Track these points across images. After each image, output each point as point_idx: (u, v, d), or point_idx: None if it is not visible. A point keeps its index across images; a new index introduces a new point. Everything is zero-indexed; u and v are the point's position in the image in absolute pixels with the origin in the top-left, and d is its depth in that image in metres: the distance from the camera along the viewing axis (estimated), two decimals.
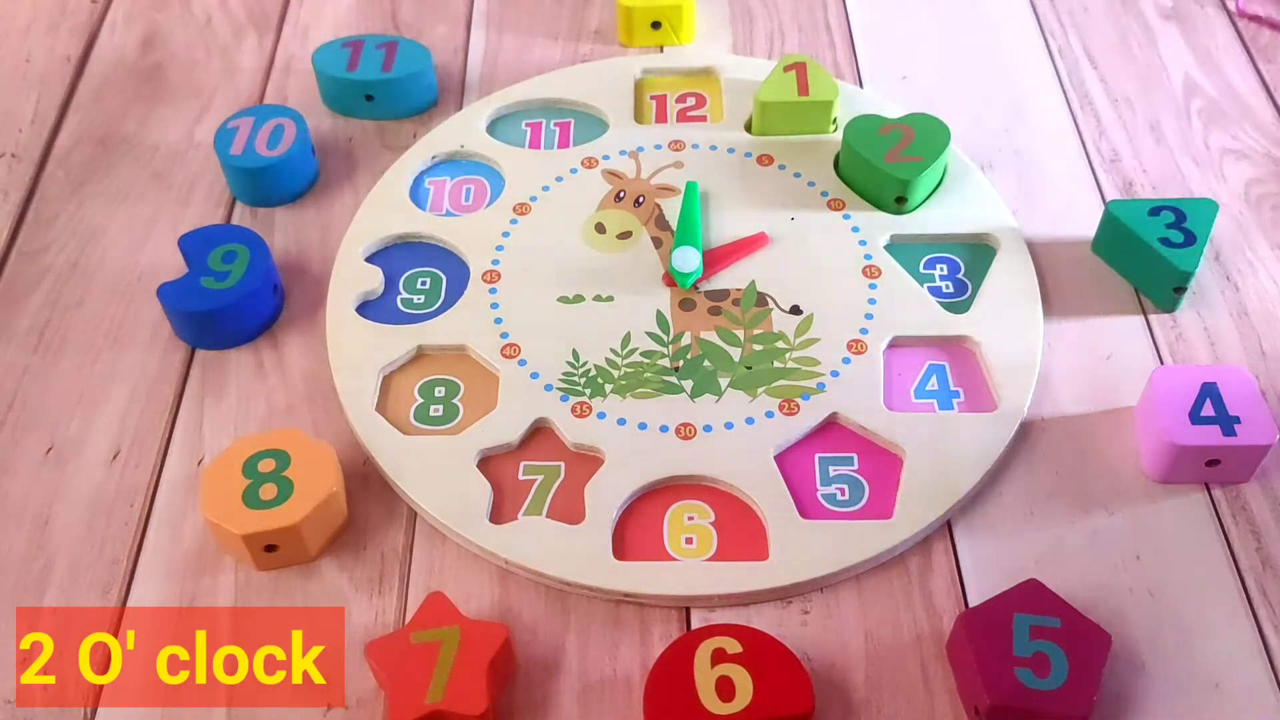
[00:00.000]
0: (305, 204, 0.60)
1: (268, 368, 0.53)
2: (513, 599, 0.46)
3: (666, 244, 0.56)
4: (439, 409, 0.51)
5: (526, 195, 0.58)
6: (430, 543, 0.48)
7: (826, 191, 0.58)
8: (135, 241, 0.58)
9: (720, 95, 0.64)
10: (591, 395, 0.51)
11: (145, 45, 0.68)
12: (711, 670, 0.41)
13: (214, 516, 0.45)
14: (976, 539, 0.47)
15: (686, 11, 0.66)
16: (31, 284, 0.57)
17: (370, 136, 0.63)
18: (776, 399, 0.50)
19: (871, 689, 0.43)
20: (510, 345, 0.52)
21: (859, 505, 0.48)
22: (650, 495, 0.48)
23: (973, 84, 0.66)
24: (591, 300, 0.54)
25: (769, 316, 0.53)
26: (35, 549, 0.47)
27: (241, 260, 0.53)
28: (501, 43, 0.68)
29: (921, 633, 0.45)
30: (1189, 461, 0.48)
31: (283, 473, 0.46)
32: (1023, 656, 0.41)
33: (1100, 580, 0.46)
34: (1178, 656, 0.44)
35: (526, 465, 0.49)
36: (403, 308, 0.55)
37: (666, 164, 0.60)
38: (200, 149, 0.62)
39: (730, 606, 0.45)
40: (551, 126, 0.63)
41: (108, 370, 0.53)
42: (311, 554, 0.46)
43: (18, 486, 0.49)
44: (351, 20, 0.70)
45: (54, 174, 0.62)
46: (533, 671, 0.44)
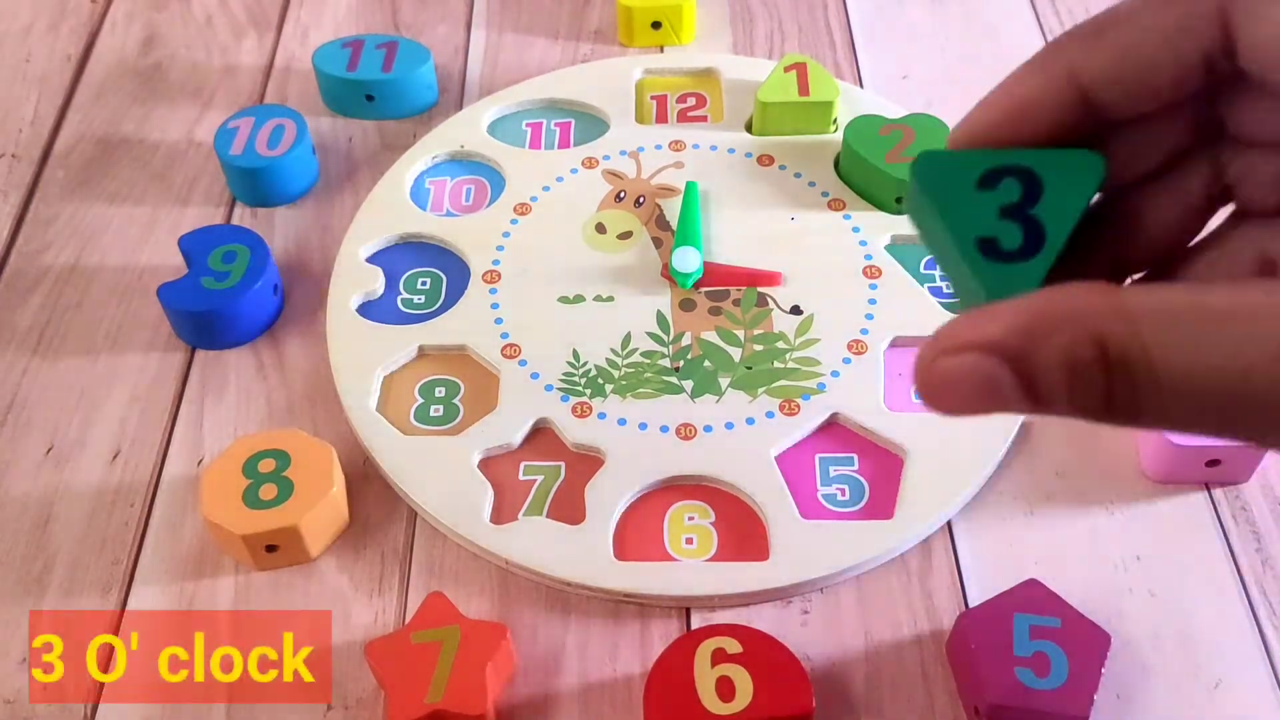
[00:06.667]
0: (305, 204, 0.60)
1: (268, 368, 0.53)
2: (513, 599, 0.46)
3: (667, 244, 0.56)
4: (439, 409, 0.51)
5: (527, 195, 0.59)
6: (430, 543, 0.48)
7: (827, 192, 0.58)
8: (135, 241, 0.58)
9: (720, 95, 0.64)
10: (592, 395, 0.51)
11: (145, 45, 0.68)
12: (711, 670, 0.41)
13: (214, 516, 0.45)
14: (976, 539, 0.47)
15: (686, 11, 0.66)
16: (31, 284, 0.57)
17: (370, 136, 0.63)
18: (777, 399, 0.50)
19: (871, 689, 0.43)
20: (510, 345, 0.52)
21: (859, 505, 0.48)
22: (650, 495, 0.48)
23: (973, 84, 0.65)
24: (592, 300, 0.54)
25: (769, 316, 0.53)
26: (35, 549, 0.47)
27: (241, 260, 0.53)
28: (501, 43, 0.68)
29: (921, 633, 0.45)
30: (1189, 461, 0.48)
31: (283, 473, 0.46)
32: (1023, 656, 0.41)
33: (1100, 580, 0.46)
34: (1178, 656, 0.44)
35: (527, 465, 0.49)
36: (403, 308, 0.55)
37: (667, 164, 0.60)
38: (200, 149, 0.62)
39: (730, 606, 0.45)
40: (552, 126, 0.63)
41: (108, 370, 0.53)
42: (312, 554, 0.46)
43: (18, 486, 0.49)
44: (351, 20, 0.70)
45: (54, 174, 0.62)
46: (533, 671, 0.44)
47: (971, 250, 0.26)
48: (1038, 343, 0.22)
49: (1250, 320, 0.21)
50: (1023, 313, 0.23)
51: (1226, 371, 0.21)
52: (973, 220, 0.26)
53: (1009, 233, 0.26)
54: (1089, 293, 0.22)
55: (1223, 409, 0.22)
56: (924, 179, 0.27)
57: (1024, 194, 0.26)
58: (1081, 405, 0.23)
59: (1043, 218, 0.26)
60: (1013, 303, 0.23)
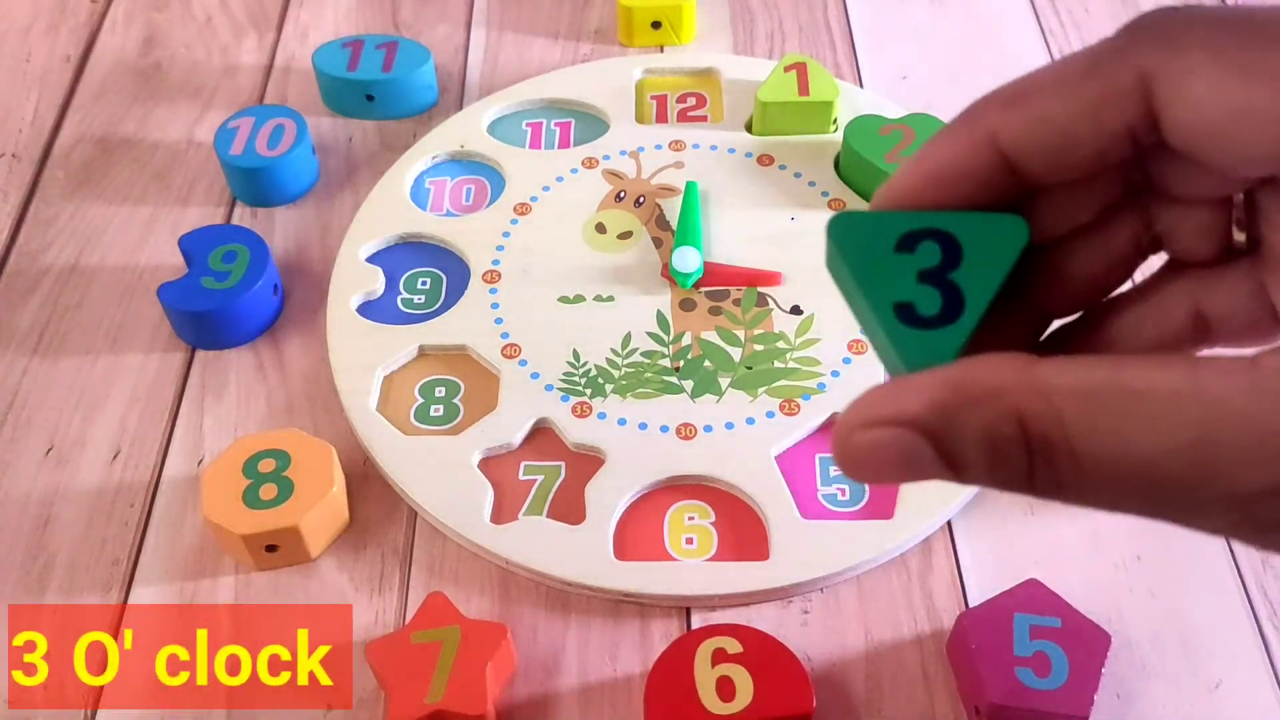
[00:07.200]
0: (305, 204, 0.60)
1: (268, 368, 0.53)
2: (513, 599, 0.46)
3: (667, 244, 0.56)
4: (439, 409, 0.51)
5: (527, 195, 0.59)
6: (430, 543, 0.48)
7: (827, 191, 0.58)
8: (135, 241, 0.58)
9: (720, 95, 0.64)
10: (592, 395, 0.51)
11: (145, 45, 0.68)
12: (711, 670, 0.41)
13: (214, 516, 0.45)
14: (976, 539, 0.47)
15: (686, 11, 0.66)
16: (31, 284, 0.57)
17: (370, 136, 0.63)
18: (777, 399, 0.50)
19: (871, 689, 0.43)
20: (511, 345, 0.52)
21: (859, 505, 0.48)
22: (650, 495, 0.48)
23: (973, 84, 0.65)
24: (592, 300, 0.54)
25: (769, 316, 0.53)
26: (35, 549, 0.47)
27: (241, 260, 0.53)
28: (501, 43, 0.68)
29: (921, 633, 0.45)
30: None
31: (283, 473, 0.46)
32: (1023, 656, 0.41)
33: (1100, 580, 0.46)
34: (1178, 656, 0.44)
35: (527, 465, 0.49)
36: (403, 308, 0.55)
37: (667, 164, 0.60)
38: (200, 149, 0.62)
39: (730, 606, 0.45)
40: (552, 126, 0.63)
41: (108, 370, 0.53)
42: (312, 554, 0.46)
43: (18, 486, 0.49)
44: (351, 20, 0.70)
45: (54, 174, 0.62)
46: (533, 671, 0.44)
47: (888, 315, 0.24)
48: (957, 418, 0.22)
49: (1166, 403, 0.21)
50: (941, 387, 0.22)
51: (1144, 457, 0.21)
52: (890, 284, 0.25)
53: (927, 298, 0.24)
54: (1008, 367, 0.22)
55: (1144, 492, 0.21)
56: (840, 241, 0.25)
57: (944, 258, 0.25)
58: (1003, 480, 0.23)
59: (962, 283, 0.24)
60: (931, 375, 0.23)
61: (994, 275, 0.25)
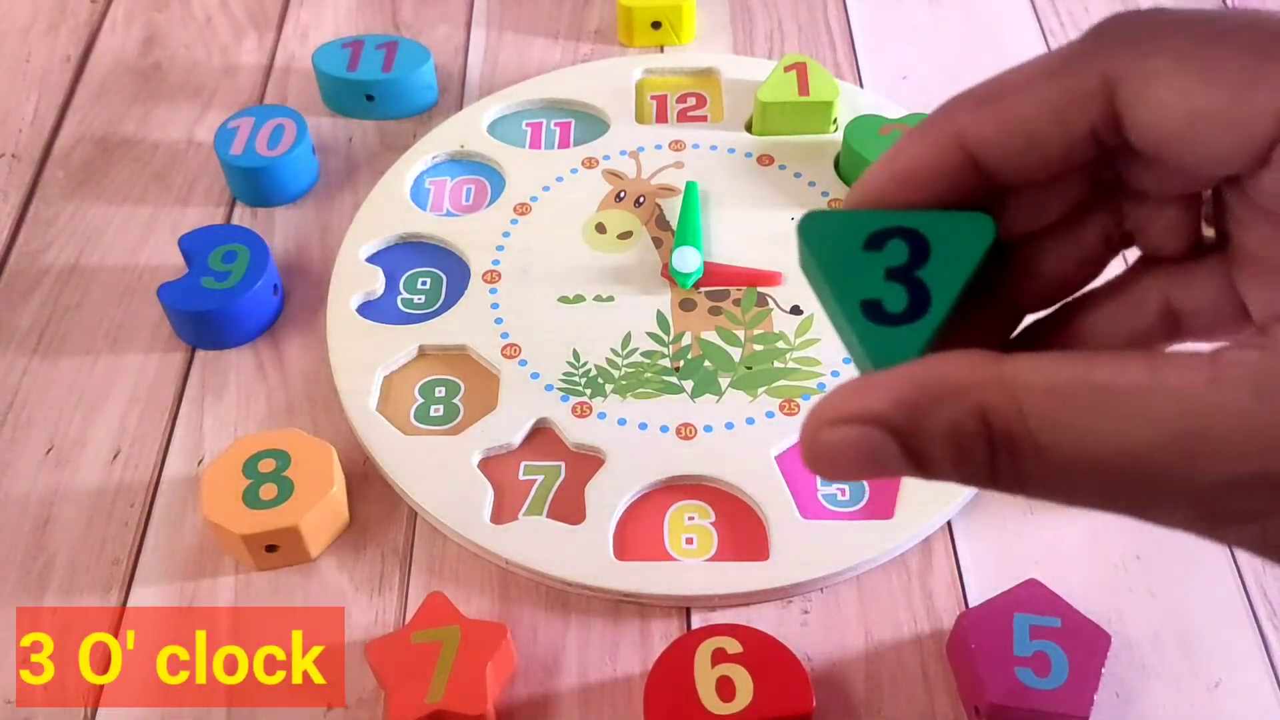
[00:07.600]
0: (305, 204, 0.60)
1: (268, 368, 0.53)
2: (513, 599, 0.46)
3: (667, 244, 0.56)
4: (439, 409, 0.51)
5: (527, 195, 0.59)
6: (430, 543, 0.48)
7: (827, 191, 0.58)
8: (135, 241, 0.58)
9: (720, 95, 0.64)
10: (592, 395, 0.51)
11: (145, 45, 0.68)
12: (711, 670, 0.41)
13: (214, 516, 0.45)
14: (976, 539, 0.47)
15: (686, 11, 0.66)
16: (31, 284, 0.57)
17: (370, 136, 0.63)
18: (777, 399, 0.50)
19: (871, 689, 0.43)
20: (511, 345, 0.52)
21: (859, 505, 0.48)
22: (650, 495, 0.48)
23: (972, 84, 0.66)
24: (592, 300, 0.54)
25: (769, 316, 0.53)
26: (35, 549, 0.47)
27: (241, 260, 0.53)
28: (501, 43, 0.68)
29: (921, 633, 0.45)
30: None
31: (283, 473, 0.46)
32: (1023, 656, 0.41)
33: (1100, 580, 0.46)
34: (1178, 656, 0.44)
35: (527, 465, 0.49)
36: (403, 308, 0.55)
37: (667, 164, 0.60)
38: (200, 149, 0.62)
39: (730, 606, 0.45)
40: (552, 126, 0.63)
41: (108, 370, 0.53)
42: (312, 554, 0.46)
43: (18, 486, 0.49)
44: (351, 20, 0.70)
45: (54, 174, 0.62)
46: (533, 671, 0.44)
47: (855, 312, 0.25)
48: (922, 415, 0.22)
49: (1131, 399, 0.21)
50: (906, 383, 0.22)
51: (1107, 452, 0.21)
52: (857, 282, 0.25)
53: (894, 295, 0.25)
54: (973, 363, 0.22)
55: (1105, 485, 0.22)
56: (810, 239, 0.26)
57: (911, 256, 0.25)
58: (967, 475, 0.23)
59: (929, 280, 0.25)
60: (896, 372, 0.23)
61: (960, 272, 0.25)
